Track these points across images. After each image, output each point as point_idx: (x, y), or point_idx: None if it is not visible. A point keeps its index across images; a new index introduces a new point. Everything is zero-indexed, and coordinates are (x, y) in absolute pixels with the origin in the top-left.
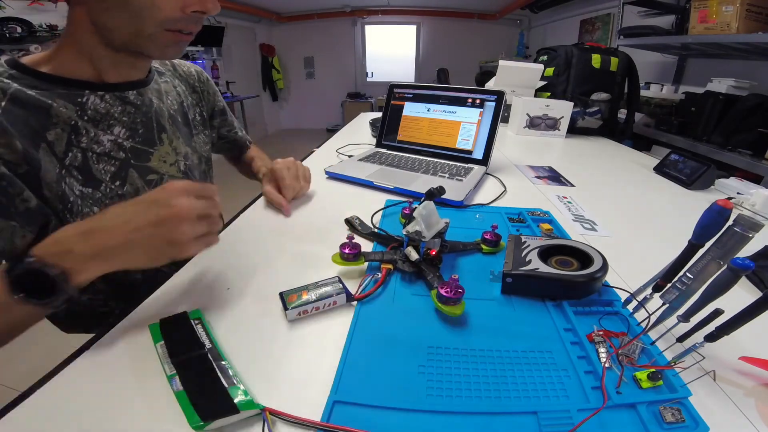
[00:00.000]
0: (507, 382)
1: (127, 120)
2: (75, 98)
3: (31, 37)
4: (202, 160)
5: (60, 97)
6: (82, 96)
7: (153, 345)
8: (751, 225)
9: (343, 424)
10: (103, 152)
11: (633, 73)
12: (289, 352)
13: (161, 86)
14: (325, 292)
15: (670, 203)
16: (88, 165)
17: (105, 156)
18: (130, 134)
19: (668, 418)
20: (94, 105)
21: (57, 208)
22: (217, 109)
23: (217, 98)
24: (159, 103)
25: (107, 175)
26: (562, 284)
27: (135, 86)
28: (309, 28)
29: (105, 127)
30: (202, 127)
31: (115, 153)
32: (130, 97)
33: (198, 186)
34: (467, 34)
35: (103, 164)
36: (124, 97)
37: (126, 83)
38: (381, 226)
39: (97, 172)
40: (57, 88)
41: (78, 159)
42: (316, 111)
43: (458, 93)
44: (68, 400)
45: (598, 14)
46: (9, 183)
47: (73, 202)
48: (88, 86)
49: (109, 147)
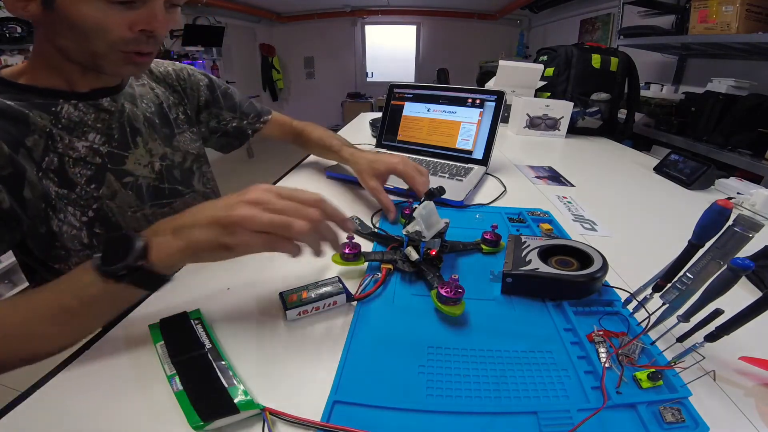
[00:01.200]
0: (507, 382)
1: (101, 126)
2: (50, 107)
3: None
4: (189, 157)
5: (36, 108)
6: (56, 105)
7: (153, 345)
8: (751, 225)
9: (343, 424)
10: (79, 157)
11: (633, 73)
12: (289, 352)
13: (136, 90)
14: (325, 292)
15: (670, 203)
16: (64, 169)
17: (81, 161)
18: (105, 139)
19: (668, 418)
20: (68, 114)
21: (39, 207)
22: (201, 104)
23: (200, 93)
24: (132, 108)
25: (83, 178)
26: (562, 284)
27: (108, 93)
28: (309, 28)
29: (79, 134)
30: (187, 125)
31: (91, 158)
32: (104, 104)
33: (289, 192)
34: (467, 34)
35: (78, 168)
36: (98, 104)
37: (99, 90)
38: (381, 226)
39: (72, 176)
40: (33, 98)
41: (54, 163)
42: (316, 111)
43: (458, 93)
44: (68, 400)
45: (598, 14)
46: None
47: (55, 199)
48: (62, 95)
49: (85, 152)
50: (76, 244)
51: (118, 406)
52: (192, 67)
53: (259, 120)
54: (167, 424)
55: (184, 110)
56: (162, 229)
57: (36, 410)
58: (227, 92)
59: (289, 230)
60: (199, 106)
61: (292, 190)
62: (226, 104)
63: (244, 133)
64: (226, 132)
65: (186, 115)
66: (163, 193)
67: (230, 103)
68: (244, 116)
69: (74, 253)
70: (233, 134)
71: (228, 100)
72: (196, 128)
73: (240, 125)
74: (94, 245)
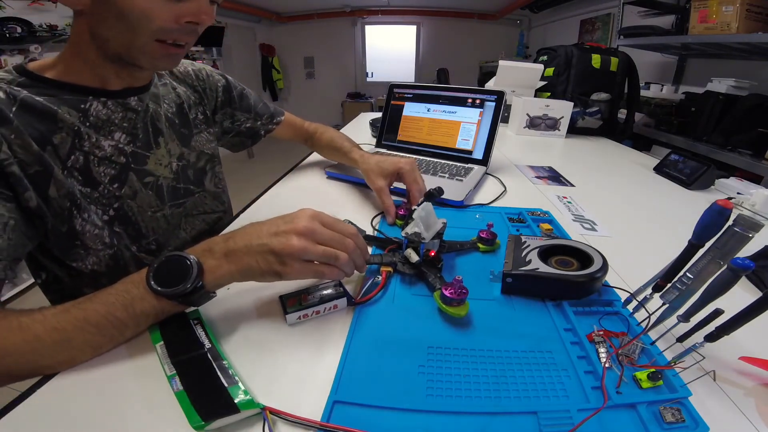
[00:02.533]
0: (507, 382)
1: (127, 126)
2: (78, 104)
3: (31, 37)
4: (203, 157)
5: (65, 104)
6: (85, 102)
7: (153, 345)
8: (751, 225)
9: (343, 424)
10: (105, 156)
11: (633, 73)
12: (289, 351)
13: (159, 90)
14: (325, 296)
15: (670, 203)
16: (88, 167)
17: (106, 160)
18: (131, 139)
19: (668, 418)
20: (96, 111)
21: (64, 205)
22: (218, 105)
23: (218, 94)
24: (156, 108)
25: (106, 177)
26: (562, 284)
27: (137, 92)
28: (309, 28)
29: (106, 133)
30: (205, 125)
31: (116, 157)
32: (132, 103)
33: (331, 221)
34: (467, 34)
35: (103, 167)
36: (126, 103)
37: (128, 89)
38: (380, 228)
39: (96, 174)
40: (62, 93)
41: (80, 161)
42: (316, 111)
43: (458, 93)
44: (68, 400)
45: (598, 14)
46: (16, 181)
47: (80, 198)
48: (91, 92)
49: (110, 152)
50: (97, 243)
51: (118, 407)
52: (210, 68)
53: (272, 121)
54: (167, 424)
55: (203, 110)
56: (214, 250)
57: (36, 410)
58: (243, 93)
59: (336, 261)
60: (216, 106)
61: (334, 221)
62: (241, 105)
63: (257, 133)
64: (240, 132)
65: (204, 116)
66: (179, 192)
67: (245, 104)
68: (258, 117)
69: (93, 252)
70: (246, 134)
71: (243, 101)
72: (212, 128)
73: (254, 126)
74: (115, 244)
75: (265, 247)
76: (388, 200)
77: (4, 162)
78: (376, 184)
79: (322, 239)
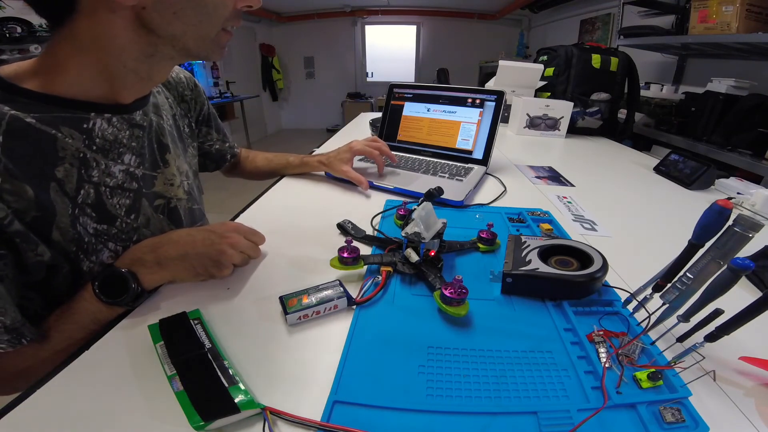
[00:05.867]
0: (507, 382)
1: (136, 145)
2: (80, 124)
3: (31, 37)
4: (192, 173)
5: (63, 123)
6: (87, 121)
7: (153, 345)
8: (751, 225)
9: (343, 424)
10: (116, 185)
11: (633, 73)
12: (289, 351)
13: (157, 99)
14: (326, 296)
15: (670, 203)
16: (102, 201)
17: (118, 189)
18: (140, 161)
19: (668, 418)
20: (101, 131)
21: (69, 250)
22: (202, 119)
23: (202, 107)
24: (158, 120)
25: (122, 209)
26: (562, 284)
27: (140, 105)
28: (309, 28)
29: (115, 156)
30: (191, 139)
31: (128, 184)
32: (137, 119)
33: (249, 229)
34: (467, 34)
35: (117, 198)
36: (131, 119)
37: (137, 102)
38: (380, 227)
39: (111, 208)
40: (56, 110)
41: (91, 195)
42: (316, 111)
43: (458, 93)
44: (68, 400)
45: (598, 14)
46: (23, 239)
47: (87, 242)
48: (92, 108)
49: (122, 178)
50: None
51: (118, 407)
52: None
53: (234, 147)
54: (167, 424)
55: (189, 123)
56: (145, 260)
57: (36, 410)
58: (214, 112)
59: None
60: (198, 120)
61: (236, 225)
62: (216, 125)
63: (223, 157)
64: (208, 153)
65: (190, 128)
66: (195, 214)
67: (218, 124)
68: (225, 139)
69: None
70: (215, 156)
71: (217, 121)
72: (195, 142)
73: (222, 148)
74: None
75: (203, 257)
76: (354, 174)
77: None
78: (341, 169)
79: (237, 243)
